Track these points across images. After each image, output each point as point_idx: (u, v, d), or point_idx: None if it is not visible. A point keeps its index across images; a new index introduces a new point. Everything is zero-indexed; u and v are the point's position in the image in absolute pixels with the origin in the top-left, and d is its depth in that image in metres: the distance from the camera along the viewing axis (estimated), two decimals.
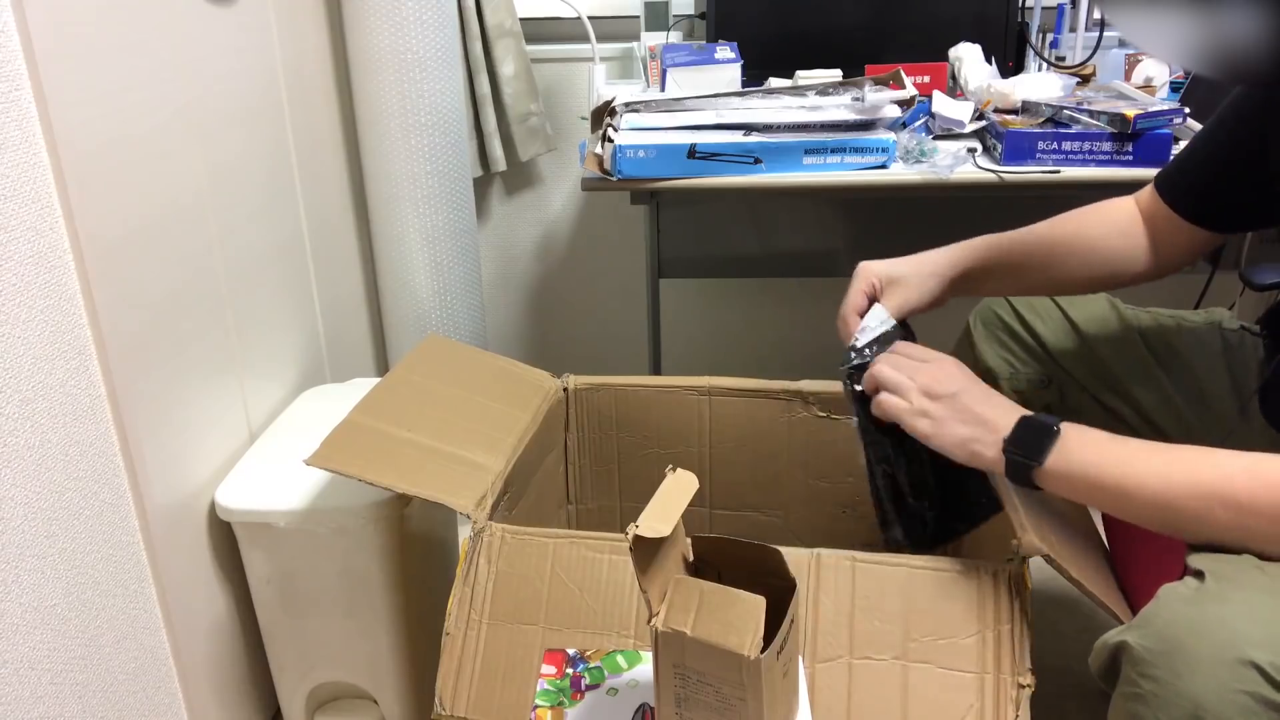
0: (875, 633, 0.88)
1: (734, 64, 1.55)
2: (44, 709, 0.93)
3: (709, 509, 1.34)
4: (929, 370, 0.89)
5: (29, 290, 0.91)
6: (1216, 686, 0.65)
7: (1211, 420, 1.05)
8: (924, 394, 0.88)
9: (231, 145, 1.27)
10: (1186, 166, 1.02)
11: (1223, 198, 0.99)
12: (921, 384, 0.88)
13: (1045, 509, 0.92)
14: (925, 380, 0.88)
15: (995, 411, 0.86)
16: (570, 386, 1.31)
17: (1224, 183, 0.98)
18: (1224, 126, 0.98)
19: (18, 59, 0.89)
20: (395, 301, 1.66)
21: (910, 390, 0.89)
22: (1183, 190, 1.01)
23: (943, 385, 0.87)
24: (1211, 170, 0.99)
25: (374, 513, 1.16)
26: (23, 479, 0.90)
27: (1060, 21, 1.78)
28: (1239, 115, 0.96)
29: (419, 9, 1.49)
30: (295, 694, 1.30)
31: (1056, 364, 1.13)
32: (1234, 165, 0.96)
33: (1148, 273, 1.05)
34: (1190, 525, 0.76)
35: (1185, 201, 1.01)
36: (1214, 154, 0.99)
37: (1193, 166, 1.01)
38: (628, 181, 1.39)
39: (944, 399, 0.87)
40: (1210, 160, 1.00)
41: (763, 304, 2.13)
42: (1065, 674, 1.39)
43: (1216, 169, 0.99)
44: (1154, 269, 1.05)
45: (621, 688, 0.91)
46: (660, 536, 0.75)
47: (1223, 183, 0.98)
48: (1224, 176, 0.98)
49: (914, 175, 1.38)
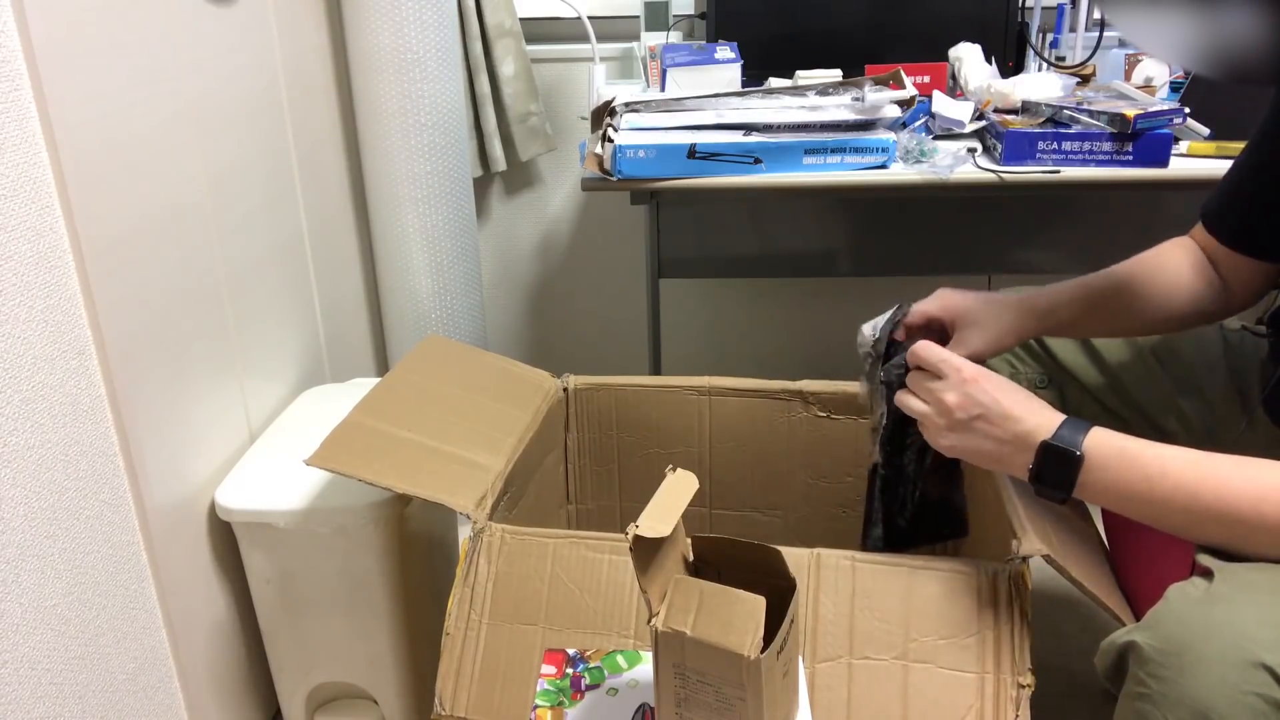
0: (875, 633, 0.88)
1: (734, 64, 1.55)
2: (44, 709, 0.93)
3: (709, 509, 1.34)
4: (950, 396, 0.85)
5: (29, 290, 0.91)
6: (1225, 688, 0.64)
7: (1214, 421, 1.05)
8: (948, 423, 0.86)
9: (231, 145, 1.27)
10: (1235, 201, 0.99)
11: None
12: (944, 410, 0.86)
13: (1045, 510, 0.92)
14: (948, 405, 0.86)
15: (1019, 428, 0.83)
16: (570, 386, 1.31)
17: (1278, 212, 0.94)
18: (1264, 152, 0.95)
19: (18, 59, 0.89)
20: (395, 301, 1.66)
21: (933, 419, 0.87)
22: (1237, 226, 0.98)
23: (965, 409, 0.85)
24: (1263, 201, 0.95)
25: (374, 513, 1.16)
26: (23, 479, 0.90)
27: (1060, 21, 1.78)
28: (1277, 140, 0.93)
29: (419, 9, 1.49)
30: (295, 694, 1.30)
31: (1057, 364, 1.13)
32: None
33: (1227, 308, 1.02)
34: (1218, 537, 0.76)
35: (1245, 238, 0.97)
36: (1264, 184, 0.95)
37: (1243, 199, 0.98)
38: (628, 181, 1.38)
39: (967, 424, 0.85)
40: (1262, 191, 0.96)
41: (763, 304, 2.13)
42: (1065, 674, 1.39)
43: (1268, 200, 0.95)
44: (1230, 304, 1.02)
45: (621, 688, 0.91)
46: (660, 536, 0.75)
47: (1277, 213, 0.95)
48: (1277, 206, 0.94)
49: (914, 175, 1.38)
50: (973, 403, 0.84)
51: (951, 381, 0.86)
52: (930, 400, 0.88)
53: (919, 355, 0.89)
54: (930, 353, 0.88)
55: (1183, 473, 0.76)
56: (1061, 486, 0.81)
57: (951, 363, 0.86)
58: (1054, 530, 0.90)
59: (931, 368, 0.88)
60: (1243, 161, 0.98)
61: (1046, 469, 0.81)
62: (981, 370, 0.86)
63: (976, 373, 0.85)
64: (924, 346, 0.89)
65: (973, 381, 0.85)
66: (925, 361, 0.89)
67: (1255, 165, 0.97)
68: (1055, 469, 0.81)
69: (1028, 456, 0.82)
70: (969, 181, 1.38)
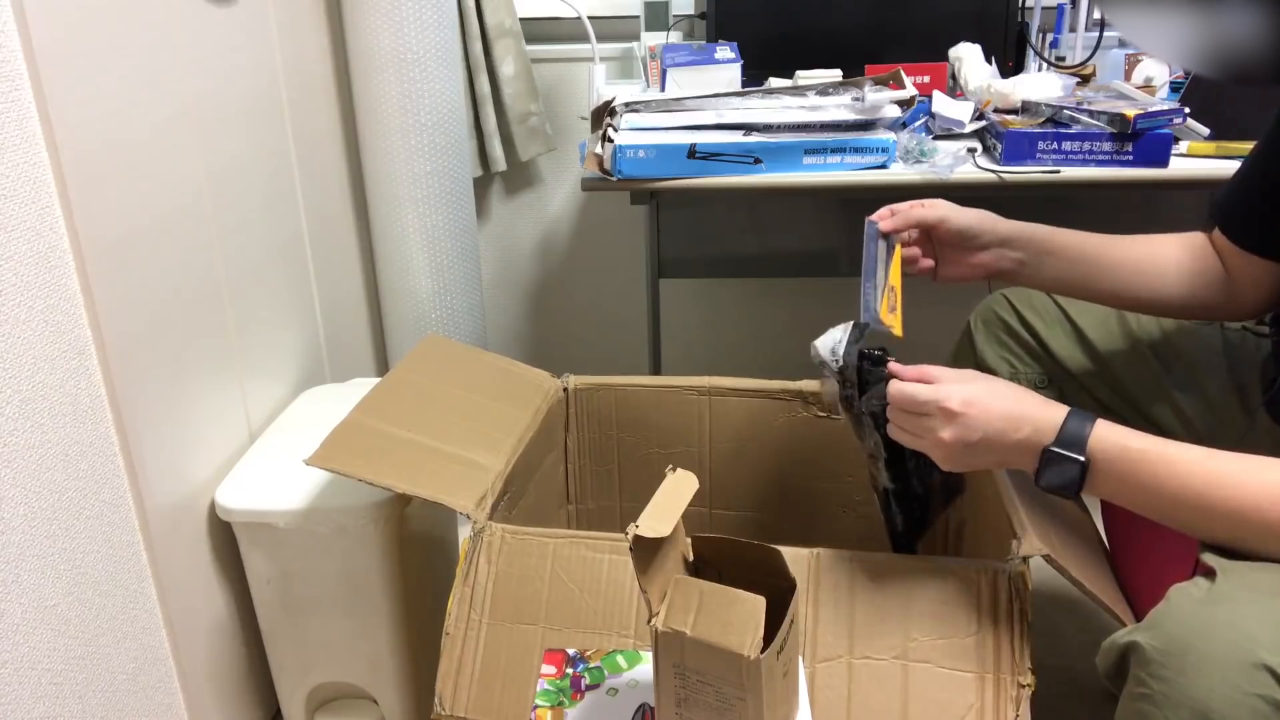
0: (875, 633, 0.88)
1: (734, 64, 1.55)
2: (44, 709, 0.93)
3: (709, 509, 1.34)
4: (945, 434, 0.83)
5: (29, 290, 0.91)
6: (1227, 689, 0.64)
7: (1214, 420, 1.05)
8: (947, 455, 0.84)
9: (231, 145, 1.27)
10: (1245, 199, 0.97)
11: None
12: (940, 445, 0.84)
13: (1045, 509, 0.92)
14: (944, 442, 0.83)
15: (1018, 437, 0.81)
16: (570, 386, 1.31)
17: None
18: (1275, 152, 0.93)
19: (18, 59, 0.89)
20: (395, 301, 1.66)
21: (933, 453, 0.85)
22: (1246, 225, 0.96)
23: (962, 440, 0.82)
24: (1275, 201, 0.94)
25: (374, 513, 1.16)
26: (23, 479, 0.90)
27: (1060, 21, 1.78)
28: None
29: (419, 9, 1.49)
30: (295, 694, 1.30)
31: (1057, 364, 1.13)
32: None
33: (1235, 307, 1.01)
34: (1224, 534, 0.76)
35: (1254, 237, 0.96)
36: (1277, 184, 0.93)
37: (1253, 198, 0.96)
38: (628, 181, 1.39)
39: (967, 451, 0.83)
40: (1274, 191, 0.94)
41: (763, 304, 2.13)
42: (1065, 674, 1.39)
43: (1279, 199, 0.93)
44: (1239, 303, 1.00)
45: (621, 688, 0.91)
46: (660, 536, 0.76)
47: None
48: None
49: (914, 175, 1.38)
50: (967, 432, 0.82)
51: (939, 420, 0.83)
52: (924, 436, 0.85)
53: (899, 400, 0.86)
54: (908, 399, 0.85)
55: (1191, 473, 0.76)
56: (1068, 489, 0.80)
57: (934, 402, 0.83)
58: (1054, 530, 0.90)
59: (916, 410, 0.85)
60: (1253, 160, 0.97)
61: (1051, 474, 0.80)
62: (964, 396, 0.82)
63: (961, 403, 0.82)
64: (899, 392, 0.86)
65: (961, 414, 0.81)
66: (907, 407, 0.85)
67: (1266, 164, 0.95)
68: (1060, 474, 0.80)
69: (1032, 459, 0.81)
70: (969, 181, 1.38)
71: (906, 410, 0.86)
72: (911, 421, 0.86)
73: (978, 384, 0.84)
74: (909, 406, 0.85)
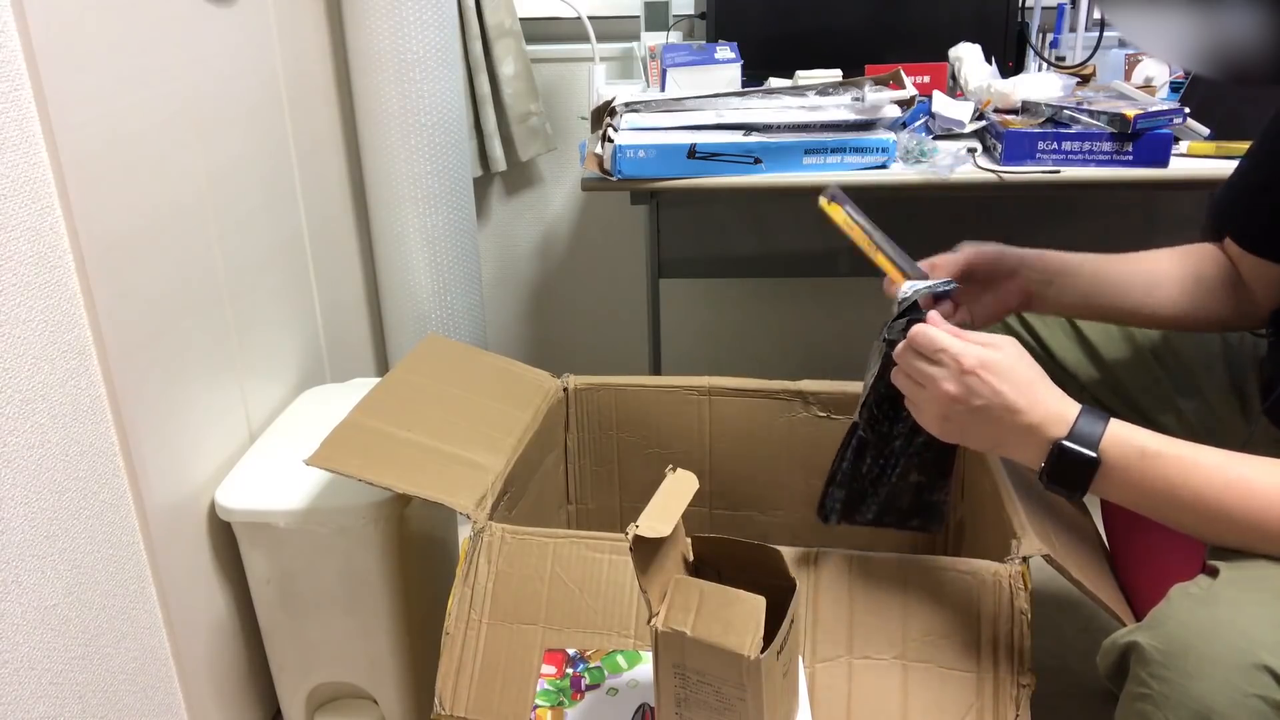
0: (875, 633, 0.88)
1: (734, 64, 1.55)
2: (44, 709, 0.93)
3: (709, 509, 1.34)
4: (949, 386, 0.80)
5: (29, 290, 0.91)
6: (1228, 690, 0.64)
7: (1214, 421, 1.05)
8: (943, 411, 0.81)
9: (231, 145, 1.27)
10: (1249, 202, 0.96)
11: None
12: (939, 398, 0.81)
13: (1045, 509, 0.92)
14: (945, 395, 0.80)
15: (1025, 420, 0.78)
16: (570, 386, 1.31)
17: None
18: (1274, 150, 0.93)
19: (18, 59, 0.89)
20: (395, 301, 1.66)
21: (928, 405, 0.82)
22: (1253, 228, 0.95)
23: (963, 400, 0.79)
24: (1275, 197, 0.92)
25: (374, 513, 1.16)
26: (23, 479, 0.90)
27: (1060, 21, 1.78)
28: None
29: (419, 9, 1.49)
30: (295, 694, 1.30)
31: (1056, 363, 1.13)
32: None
33: (1245, 317, 0.99)
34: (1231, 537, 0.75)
35: (1261, 240, 0.95)
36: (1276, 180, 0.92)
37: (1258, 200, 0.95)
38: (628, 181, 1.39)
39: (964, 414, 0.80)
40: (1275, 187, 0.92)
41: (763, 304, 2.13)
42: (1065, 674, 1.39)
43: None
44: (1252, 311, 0.99)
45: (621, 688, 0.91)
46: (660, 536, 0.76)
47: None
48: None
49: (914, 175, 1.38)
50: (972, 394, 0.79)
51: (950, 371, 0.80)
52: (927, 385, 0.82)
53: (916, 339, 0.82)
54: (928, 339, 0.81)
55: (1209, 478, 0.74)
56: (1074, 487, 0.78)
57: (950, 351, 0.80)
58: (1054, 530, 0.90)
59: (929, 354, 0.81)
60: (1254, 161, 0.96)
61: (1060, 470, 0.77)
62: (983, 358, 0.79)
63: (977, 362, 0.79)
64: (922, 331, 0.82)
65: (972, 373, 0.78)
66: (922, 348, 0.82)
67: (1270, 166, 0.94)
68: (1069, 470, 0.77)
69: (1036, 451, 0.78)
70: (969, 181, 1.38)
71: (919, 351, 0.82)
72: (920, 366, 0.82)
73: (1003, 351, 0.80)
74: (924, 347, 0.82)
